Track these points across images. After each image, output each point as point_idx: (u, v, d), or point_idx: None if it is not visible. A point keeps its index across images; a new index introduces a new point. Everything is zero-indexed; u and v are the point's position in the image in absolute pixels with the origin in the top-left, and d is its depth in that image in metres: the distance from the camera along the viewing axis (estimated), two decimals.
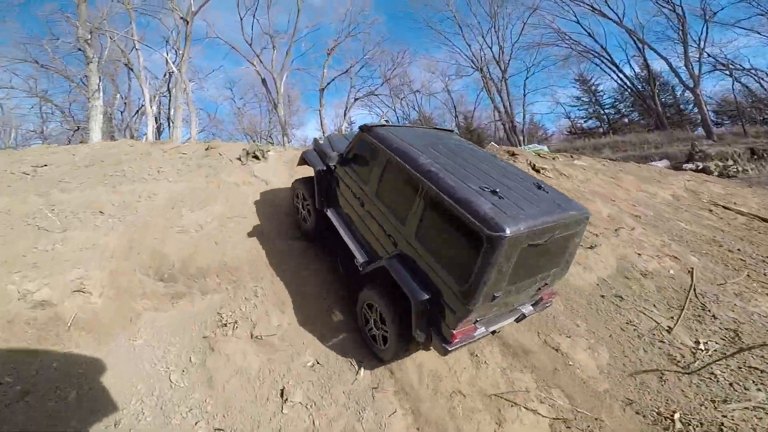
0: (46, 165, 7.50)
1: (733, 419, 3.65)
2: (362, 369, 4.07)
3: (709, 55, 25.82)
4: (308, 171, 6.38)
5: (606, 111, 39.27)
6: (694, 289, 5.58)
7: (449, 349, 3.40)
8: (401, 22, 58.37)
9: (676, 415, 3.70)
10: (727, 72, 26.53)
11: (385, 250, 3.97)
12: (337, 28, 32.74)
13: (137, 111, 27.39)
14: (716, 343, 4.62)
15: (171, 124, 23.13)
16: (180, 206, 5.97)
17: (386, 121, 38.58)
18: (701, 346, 4.56)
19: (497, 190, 3.29)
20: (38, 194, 6.18)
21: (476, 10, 33.86)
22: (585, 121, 41.00)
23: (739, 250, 7.00)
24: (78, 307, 4.34)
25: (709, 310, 5.16)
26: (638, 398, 3.93)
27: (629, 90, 33.94)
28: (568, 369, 4.21)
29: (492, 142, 18.95)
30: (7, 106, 27.53)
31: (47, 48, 22.78)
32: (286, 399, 3.69)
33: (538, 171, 8.85)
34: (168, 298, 4.75)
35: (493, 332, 4.07)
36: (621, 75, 32.93)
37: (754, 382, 4.07)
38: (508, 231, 2.85)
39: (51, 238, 5.07)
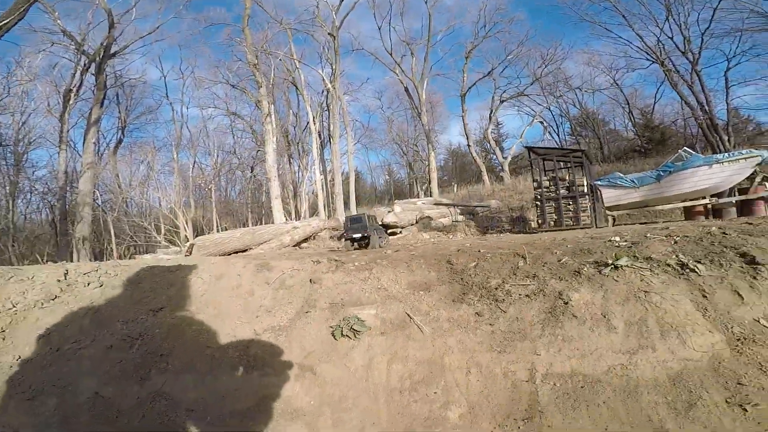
0: None
1: None
2: None
3: None
4: None
5: None
6: None
7: None
8: (549, 17, 51.65)
9: None
10: None
11: None
12: (473, 29, 30.74)
13: (305, 127, 30.54)
14: None
15: (331, 139, 24.95)
16: None
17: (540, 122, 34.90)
18: None
19: None
20: None
21: None
22: None
23: None
24: None
25: None
26: None
27: None
28: None
29: (684, 147, 14.82)
30: (209, 126, 33.88)
31: (230, 71, 26.64)
32: None
33: None
34: None
35: None
36: None
37: None
38: None
39: None
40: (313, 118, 25.40)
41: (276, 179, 20.96)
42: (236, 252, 11.97)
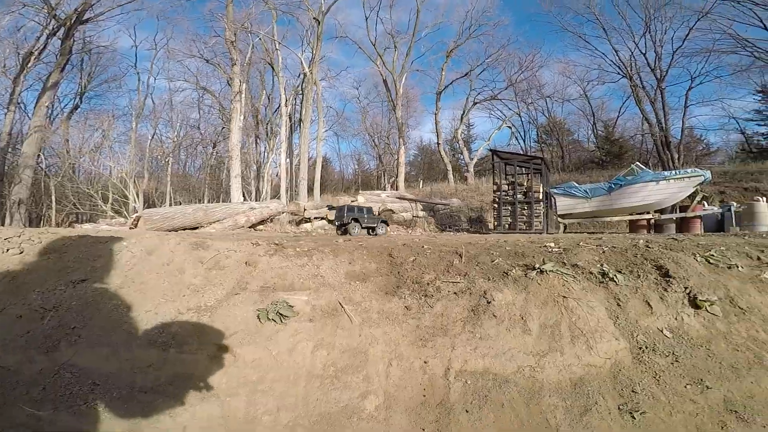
0: None
1: None
2: None
3: None
4: None
5: None
6: None
7: None
8: (532, 24, 53.41)
9: None
10: None
11: None
12: (458, 29, 31.33)
13: (276, 109, 29.84)
14: None
15: (301, 124, 24.48)
16: None
17: (509, 127, 35.87)
18: None
19: None
20: None
21: (626, 12, 28.61)
22: (766, 139, 32.16)
23: None
24: None
25: None
26: None
27: None
28: None
29: (637, 162, 15.57)
30: (176, 98, 32.50)
31: (206, 45, 25.59)
32: None
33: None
34: None
35: None
36: None
37: None
38: None
39: None
40: (286, 100, 24.92)
41: (238, 158, 20.41)
42: (185, 229, 11.56)
